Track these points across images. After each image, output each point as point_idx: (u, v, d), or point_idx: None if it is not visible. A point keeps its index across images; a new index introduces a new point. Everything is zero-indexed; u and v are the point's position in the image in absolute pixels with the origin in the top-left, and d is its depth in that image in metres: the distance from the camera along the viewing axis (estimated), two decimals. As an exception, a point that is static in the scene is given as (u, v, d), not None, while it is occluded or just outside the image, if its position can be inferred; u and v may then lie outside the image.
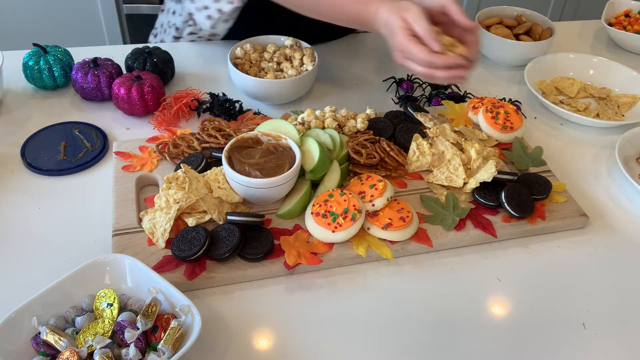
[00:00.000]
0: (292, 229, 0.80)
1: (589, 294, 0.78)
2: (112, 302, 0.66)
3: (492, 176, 0.84)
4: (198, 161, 0.86)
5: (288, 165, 0.81)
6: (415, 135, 0.93)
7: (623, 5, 1.42)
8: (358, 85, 1.16)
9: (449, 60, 0.81)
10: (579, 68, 1.21)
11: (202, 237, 0.75)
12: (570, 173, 0.97)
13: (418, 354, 0.70)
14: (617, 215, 0.91)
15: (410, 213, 0.81)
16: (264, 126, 0.89)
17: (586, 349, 0.72)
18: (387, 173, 0.90)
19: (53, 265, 0.76)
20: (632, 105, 1.13)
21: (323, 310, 0.74)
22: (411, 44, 0.81)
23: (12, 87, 1.08)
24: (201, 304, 0.72)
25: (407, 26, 0.82)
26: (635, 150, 1.02)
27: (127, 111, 1.01)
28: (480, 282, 0.79)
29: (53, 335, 0.62)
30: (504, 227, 0.84)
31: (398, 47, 0.83)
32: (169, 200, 0.79)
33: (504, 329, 0.73)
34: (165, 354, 0.62)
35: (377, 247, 0.79)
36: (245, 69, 1.06)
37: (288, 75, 1.04)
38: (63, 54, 1.06)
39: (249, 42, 1.09)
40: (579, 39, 1.40)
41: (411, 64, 0.83)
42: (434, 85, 1.14)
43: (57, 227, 0.82)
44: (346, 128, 0.95)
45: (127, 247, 0.76)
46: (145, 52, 1.08)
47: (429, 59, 0.80)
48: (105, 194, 0.86)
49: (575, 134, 1.07)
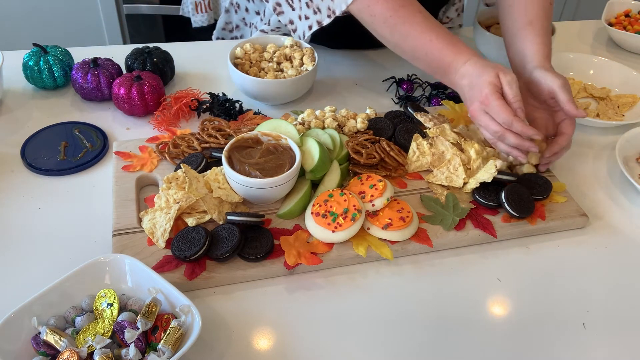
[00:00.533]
0: (292, 229, 0.80)
1: (589, 294, 0.78)
2: (112, 302, 0.66)
3: (492, 176, 0.84)
4: (198, 161, 0.86)
5: (288, 165, 0.81)
6: (415, 135, 0.93)
7: (623, 5, 1.42)
8: (358, 85, 1.16)
9: (526, 129, 0.82)
10: (579, 68, 1.21)
11: (202, 237, 0.75)
12: (570, 173, 0.97)
13: (418, 353, 0.70)
14: (617, 215, 0.91)
15: (410, 213, 0.81)
16: (264, 126, 0.89)
17: (586, 349, 0.71)
18: (387, 173, 0.90)
19: (53, 265, 0.76)
20: (632, 105, 1.13)
21: (323, 310, 0.74)
22: (498, 100, 0.81)
23: (12, 87, 1.08)
24: (201, 304, 0.72)
25: (498, 84, 0.83)
26: (635, 150, 1.02)
27: (127, 111, 1.01)
28: (480, 282, 0.79)
29: (53, 335, 0.62)
30: (504, 227, 0.84)
31: (482, 98, 0.83)
32: (169, 200, 0.79)
33: (504, 329, 0.73)
34: (165, 354, 0.62)
35: (377, 247, 0.79)
36: (245, 69, 1.06)
37: (288, 75, 1.04)
38: (63, 54, 1.06)
39: (249, 41, 1.09)
40: (579, 39, 1.40)
41: (487, 119, 0.83)
42: (434, 85, 1.14)
43: (57, 227, 0.82)
44: (346, 128, 0.95)
45: (127, 247, 0.76)
46: (145, 52, 1.08)
47: (510, 120, 0.81)
48: (105, 194, 0.86)
49: (575, 134, 1.07)
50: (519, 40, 0.93)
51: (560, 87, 0.86)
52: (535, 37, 0.91)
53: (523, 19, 0.93)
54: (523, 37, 0.92)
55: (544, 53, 0.90)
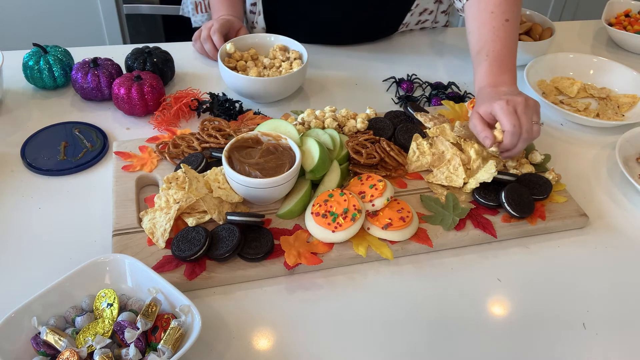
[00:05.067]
0: (292, 229, 0.80)
1: (589, 294, 0.78)
2: (112, 302, 0.66)
3: (492, 176, 0.84)
4: (198, 161, 0.86)
5: (288, 165, 0.81)
6: (415, 135, 0.93)
7: (623, 5, 1.42)
8: (358, 85, 1.16)
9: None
10: (579, 68, 1.21)
11: (202, 237, 0.75)
12: (570, 173, 0.97)
13: (418, 353, 0.70)
14: (617, 215, 0.91)
15: (410, 213, 0.81)
16: (264, 126, 0.89)
17: (586, 349, 0.71)
18: (387, 173, 0.90)
19: (53, 265, 0.76)
20: (632, 105, 1.13)
21: (323, 310, 0.74)
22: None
23: (12, 87, 1.08)
24: (201, 304, 0.72)
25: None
26: (635, 150, 1.02)
27: (127, 111, 1.01)
28: (480, 282, 0.79)
29: (53, 335, 0.62)
30: (504, 227, 0.84)
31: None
32: (169, 200, 0.79)
33: (504, 329, 0.73)
34: (165, 354, 0.62)
35: (377, 247, 0.79)
36: (236, 67, 1.07)
37: (278, 73, 1.05)
38: (63, 54, 1.06)
39: (241, 39, 1.11)
40: (579, 39, 1.40)
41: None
42: (434, 85, 1.14)
43: (57, 227, 0.82)
44: (346, 128, 0.95)
45: (127, 247, 0.76)
46: (145, 52, 1.08)
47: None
48: (105, 194, 0.86)
49: (575, 134, 1.07)
50: (474, 69, 1.01)
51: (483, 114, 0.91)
52: (477, 66, 0.98)
53: (474, 48, 1.01)
54: (474, 67, 1.00)
55: (484, 80, 0.96)
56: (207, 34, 1.16)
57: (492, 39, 0.97)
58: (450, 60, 1.27)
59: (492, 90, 0.93)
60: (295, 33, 1.13)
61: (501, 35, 0.97)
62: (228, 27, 1.18)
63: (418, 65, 1.23)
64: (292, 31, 1.14)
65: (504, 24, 0.98)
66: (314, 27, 1.24)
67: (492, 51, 0.97)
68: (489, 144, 0.87)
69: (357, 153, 0.89)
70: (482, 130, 0.88)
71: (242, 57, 1.10)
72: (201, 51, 1.20)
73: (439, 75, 1.20)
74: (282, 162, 0.82)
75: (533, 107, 0.88)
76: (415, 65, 1.23)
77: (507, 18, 0.98)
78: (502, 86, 0.93)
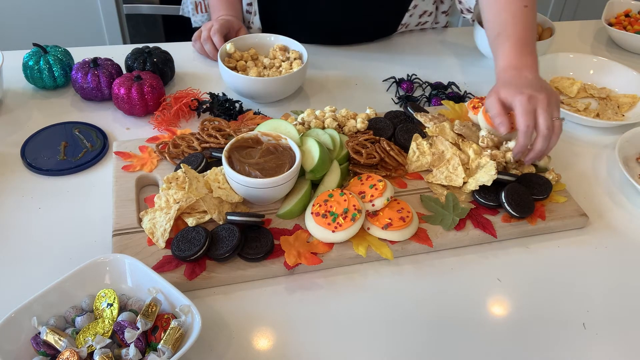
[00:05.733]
0: (292, 229, 0.80)
1: (589, 294, 0.78)
2: (112, 302, 0.66)
3: (492, 179, 0.84)
4: (198, 161, 0.86)
5: (288, 165, 0.81)
6: (415, 135, 0.93)
7: (623, 5, 1.42)
8: (358, 85, 1.16)
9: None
10: (579, 68, 1.21)
11: (202, 237, 0.75)
12: (570, 173, 0.97)
13: (418, 353, 0.70)
14: (617, 215, 0.91)
15: (410, 213, 0.81)
16: (264, 126, 0.89)
17: (586, 349, 0.71)
18: (387, 173, 0.90)
19: (53, 265, 0.76)
20: (632, 105, 1.13)
21: (323, 310, 0.74)
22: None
23: (12, 87, 1.08)
24: (201, 304, 0.72)
25: None
26: (635, 150, 1.02)
27: (127, 111, 1.01)
28: (480, 282, 0.79)
29: (53, 335, 0.62)
30: (504, 227, 0.84)
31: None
32: (169, 200, 0.79)
33: (504, 329, 0.73)
34: (165, 354, 0.62)
35: (377, 247, 0.79)
36: (236, 67, 1.07)
37: (278, 73, 1.05)
38: (63, 54, 1.06)
39: (241, 39, 1.11)
40: (579, 38, 1.40)
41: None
42: (434, 85, 1.14)
43: (57, 227, 0.82)
44: (346, 128, 0.95)
45: (127, 247, 0.76)
46: (145, 52, 1.08)
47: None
48: (105, 194, 0.86)
49: (575, 134, 1.07)
50: (493, 52, 0.99)
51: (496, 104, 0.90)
52: (498, 48, 0.96)
53: (493, 33, 0.99)
54: (494, 50, 0.99)
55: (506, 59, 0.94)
56: (207, 34, 1.16)
57: (513, 22, 0.95)
58: (450, 60, 1.27)
59: (515, 74, 0.90)
60: (291, 33, 1.13)
61: (522, 19, 0.96)
62: (228, 28, 1.18)
63: (418, 65, 1.23)
64: (289, 31, 1.14)
65: (522, 9, 0.96)
66: (311, 27, 1.24)
67: (513, 33, 0.94)
68: (503, 131, 0.86)
69: (357, 153, 0.89)
70: (498, 114, 0.87)
71: (242, 57, 1.11)
72: (201, 51, 1.20)
73: (439, 75, 1.20)
74: (282, 162, 0.82)
75: (555, 104, 0.87)
76: (415, 65, 1.23)
77: (525, 4, 0.96)
78: (526, 70, 0.91)
